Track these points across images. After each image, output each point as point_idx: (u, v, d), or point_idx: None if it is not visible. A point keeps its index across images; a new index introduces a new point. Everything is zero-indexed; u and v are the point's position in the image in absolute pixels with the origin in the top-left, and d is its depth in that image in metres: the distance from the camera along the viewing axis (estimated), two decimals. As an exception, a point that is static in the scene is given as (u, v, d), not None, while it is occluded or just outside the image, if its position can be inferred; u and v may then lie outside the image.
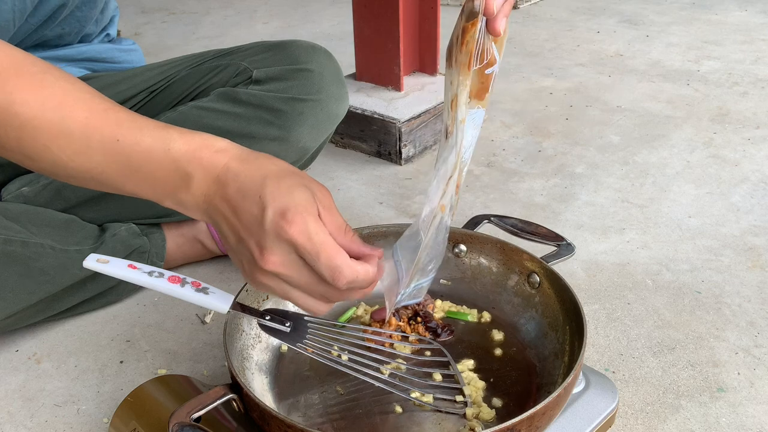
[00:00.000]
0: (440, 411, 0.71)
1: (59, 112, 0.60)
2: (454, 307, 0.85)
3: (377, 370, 0.73)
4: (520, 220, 0.91)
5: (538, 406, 0.61)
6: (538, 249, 0.85)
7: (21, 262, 0.89)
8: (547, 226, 0.90)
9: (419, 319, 0.81)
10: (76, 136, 0.61)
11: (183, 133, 0.61)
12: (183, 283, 0.67)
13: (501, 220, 0.92)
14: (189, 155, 0.60)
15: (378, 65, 1.50)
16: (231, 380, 0.67)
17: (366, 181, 1.37)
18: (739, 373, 0.88)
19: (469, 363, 0.77)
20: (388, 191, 1.32)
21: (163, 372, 0.91)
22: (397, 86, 1.49)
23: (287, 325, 0.69)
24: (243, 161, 0.60)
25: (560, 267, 0.82)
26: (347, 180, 1.37)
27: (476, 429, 0.68)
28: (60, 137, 0.60)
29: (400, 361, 0.76)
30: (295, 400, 0.74)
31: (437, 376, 0.74)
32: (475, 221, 0.92)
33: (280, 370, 0.78)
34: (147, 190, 0.62)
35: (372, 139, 1.44)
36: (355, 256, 0.61)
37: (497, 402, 0.72)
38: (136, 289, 1.06)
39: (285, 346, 0.80)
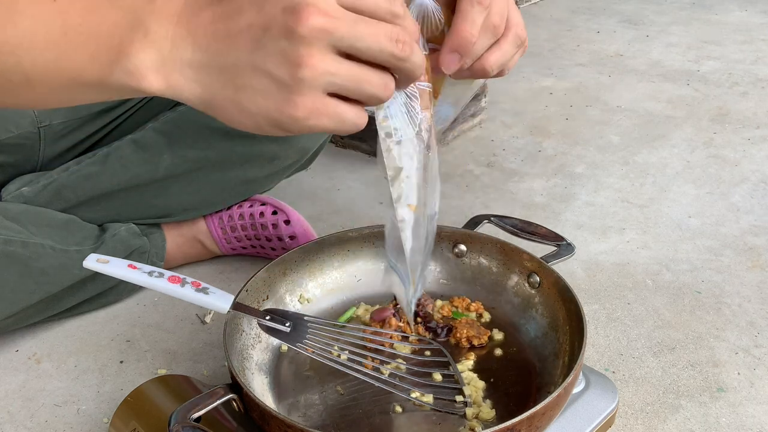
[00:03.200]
0: (440, 411, 0.71)
1: None
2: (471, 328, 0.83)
3: (377, 370, 0.73)
4: (520, 220, 0.91)
5: (538, 406, 0.61)
6: (538, 249, 0.85)
7: (21, 262, 0.89)
8: (547, 226, 0.90)
9: (419, 319, 0.81)
10: (2, 2, 0.48)
11: None
12: (183, 283, 0.67)
13: (501, 220, 0.92)
14: (141, 0, 0.47)
15: (378, 65, 1.50)
16: (231, 380, 0.67)
17: (366, 181, 1.37)
18: (739, 373, 0.88)
19: (469, 363, 0.77)
20: (388, 191, 1.32)
21: (163, 372, 0.91)
22: (397, 86, 1.49)
23: (287, 325, 0.69)
24: None
25: (560, 267, 0.82)
26: (347, 180, 1.37)
27: (476, 429, 0.68)
28: None
29: (400, 361, 0.76)
30: (295, 400, 0.74)
31: (437, 376, 0.74)
32: (475, 221, 0.92)
33: (280, 370, 0.78)
34: (88, 59, 0.47)
35: (372, 139, 1.44)
36: None
37: (497, 402, 0.72)
38: (136, 289, 1.06)
39: (285, 346, 0.80)
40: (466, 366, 0.76)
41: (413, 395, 0.71)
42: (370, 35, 0.45)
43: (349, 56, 0.45)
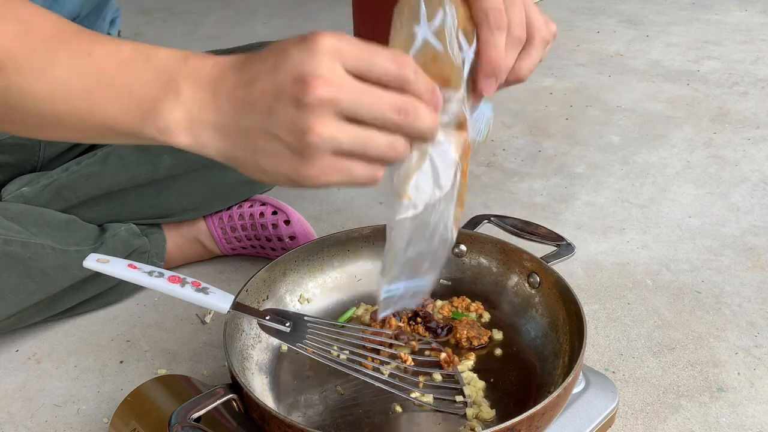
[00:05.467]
0: (440, 411, 0.71)
1: (20, 29, 0.52)
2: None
3: (377, 370, 0.73)
4: (520, 220, 0.91)
5: (538, 406, 0.61)
6: (538, 249, 0.85)
7: (21, 262, 0.89)
8: (547, 226, 0.90)
9: (419, 319, 0.81)
10: (39, 53, 0.51)
11: (168, 48, 0.52)
12: (183, 283, 0.67)
13: (501, 220, 0.92)
14: (174, 61, 0.50)
15: (378, 65, 1.50)
16: (231, 380, 0.67)
17: (366, 181, 1.36)
18: (739, 373, 0.88)
19: (469, 363, 0.77)
20: (388, 191, 1.32)
21: (163, 372, 0.91)
22: (397, 86, 1.49)
23: (287, 325, 0.69)
24: (238, 55, 0.51)
25: (560, 267, 0.82)
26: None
27: (476, 429, 0.68)
28: (19, 54, 0.51)
29: (400, 361, 0.76)
30: (295, 400, 0.74)
31: (437, 376, 0.74)
32: (475, 221, 0.92)
33: (280, 370, 0.78)
34: (121, 111, 0.51)
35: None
36: None
37: (497, 402, 0.72)
38: (136, 289, 1.06)
39: (285, 346, 0.80)
40: (466, 366, 0.76)
41: (413, 395, 0.71)
42: (373, 105, 0.47)
43: (357, 119, 0.48)
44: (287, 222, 1.05)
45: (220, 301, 0.67)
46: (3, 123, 0.55)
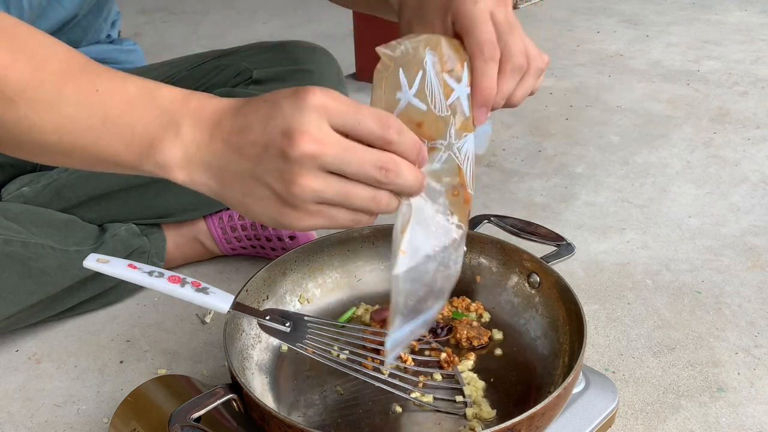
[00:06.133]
0: (440, 411, 0.71)
1: (31, 62, 0.54)
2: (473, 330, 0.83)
3: (377, 370, 0.73)
4: (520, 220, 0.91)
5: (538, 406, 0.61)
6: (538, 249, 0.85)
7: (21, 262, 0.89)
8: (547, 226, 0.90)
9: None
10: (48, 87, 0.54)
11: (171, 86, 0.55)
12: (183, 283, 0.67)
13: (501, 220, 0.92)
14: (177, 102, 0.53)
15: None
16: (231, 380, 0.67)
17: (366, 181, 1.36)
18: (739, 373, 0.88)
19: (469, 363, 0.77)
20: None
21: (163, 372, 0.91)
22: (397, 86, 1.49)
23: (287, 325, 0.69)
24: (237, 100, 0.54)
25: (560, 267, 0.82)
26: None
27: (476, 429, 0.68)
28: (29, 89, 0.53)
29: (400, 361, 0.76)
30: (295, 400, 0.74)
31: (437, 376, 0.74)
32: (475, 221, 0.92)
33: (280, 370, 0.78)
34: (123, 147, 0.53)
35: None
36: None
37: (497, 402, 0.72)
38: (136, 289, 1.06)
39: (285, 346, 0.80)
40: (466, 366, 0.76)
41: (413, 395, 0.71)
42: (356, 162, 0.50)
43: (341, 174, 0.51)
44: (287, 222, 1.05)
45: (220, 301, 0.67)
46: (12, 150, 0.58)
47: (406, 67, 0.56)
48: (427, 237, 0.60)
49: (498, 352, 0.79)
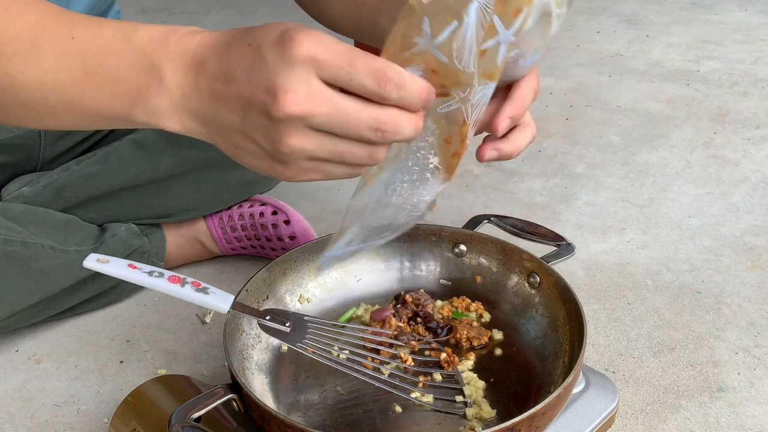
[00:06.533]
0: (440, 411, 0.71)
1: (5, 15, 0.51)
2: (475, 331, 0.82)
3: (377, 370, 0.73)
4: (520, 220, 0.91)
5: (538, 406, 0.61)
6: (538, 249, 0.85)
7: (21, 262, 0.89)
8: (547, 226, 0.90)
9: (419, 319, 0.81)
10: (25, 39, 0.51)
11: (148, 25, 0.51)
12: (183, 283, 0.67)
13: (501, 220, 0.92)
14: (155, 43, 0.49)
15: (378, 65, 1.50)
16: (231, 380, 0.67)
17: (366, 181, 1.36)
18: (739, 373, 0.88)
19: (469, 363, 0.77)
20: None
21: (163, 372, 0.91)
22: (397, 86, 1.49)
23: (287, 325, 0.69)
24: (218, 34, 0.49)
25: (560, 267, 0.82)
26: (347, 180, 1.37)
27: (476, 429, 0.68)
28: (5, 43, 0.51)
29: (400, 361, 0.76)
30: (295, 400, 0.74)
31: (437, 376, 0.74)
32: (475, 221, 0.92)
33: (280, 370, 0.78)
34: (110, 98, 0.50)
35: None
36: None
37: (497, 402, 0.72)
38: (136, 289, 1.06)
39: (285, 346, 0.80)
40: (466, 366, 0.76)
41: (413, 395, 0.71)
42: (348, 123, 0.46)
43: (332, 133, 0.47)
44: (287, 222, 1.05)
45: (220, 301, 0.67)
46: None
47: (434, 16, 0.47)
48: (400, 169, 0.56)
49: (498, 352, 0.79)
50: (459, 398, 0.72)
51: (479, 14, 0.48)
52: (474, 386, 0.73)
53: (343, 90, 0.46)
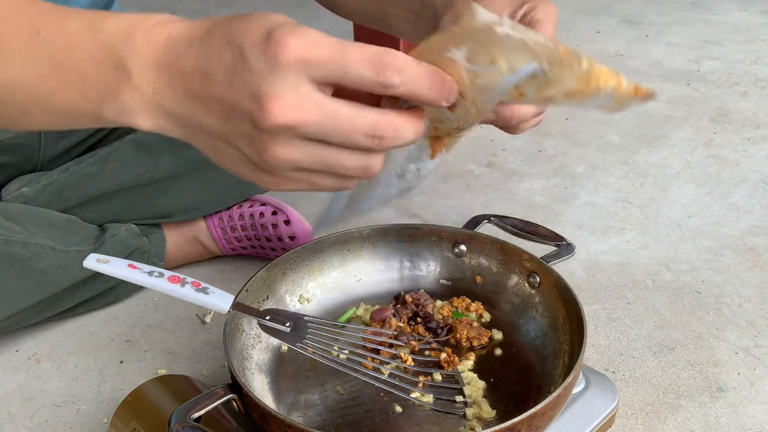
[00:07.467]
0: (440, 411, 0.71)
1: None
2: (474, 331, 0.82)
3: (377, 370, 0.73)
4: (520, 220, 0.91)
5: (538, 406, 0.61)
6: (538, 249, 0.85)
7: (21, 262, 0.89)
8: (547, 226, 0.90)
9: (419, 319, 0.81)
10: None
11: (116, 14, 0.47)
12: (183, 283, 0.67)
13: (501, 220, 0.92)
14: (122, 35, 0.45)
15: (378, 65, 1.50)
16: (231, 380, 0.67)
17: (366, 181, 1.36)
18: (739, 373, 0.88)
19: (469, 363, 0.77)
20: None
21: (163, 372, 0.91)
22: (397, 86, 1.49)
23: (287, 325, 0.69)
24: (191, 25, 0.46)
25: (560, 267, 0.82)
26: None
27: (476, 429, 0.68)
28: None
29: (400, 360, 0.76)
30: (295, 400, 0.74)
31: (437, 376, 0.74)
32: (475, 221, 0.92)
33: (280, 370, 0.78)
34: (79, 96, 0.47)
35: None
36: None
37: (497, 402, 0.72)
38: (136, 289, 1.06)
39: (285, 346, 0.80)
40: (466, 366, 0.76)
41: (413, 395, 0.71)
42: (341, 130, 0.42)
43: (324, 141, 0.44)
44: (287, 222, 1.05)
45: (220, 301, 0.67)
46: None
47: (482, 47, 0.44)
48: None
49: (498, 352, 0.79)
50: (459, 398, 0.72)
51: (524, 76, 0.44)
52: (474, 386, 0.73)
53: (338, 90, 0.43)
